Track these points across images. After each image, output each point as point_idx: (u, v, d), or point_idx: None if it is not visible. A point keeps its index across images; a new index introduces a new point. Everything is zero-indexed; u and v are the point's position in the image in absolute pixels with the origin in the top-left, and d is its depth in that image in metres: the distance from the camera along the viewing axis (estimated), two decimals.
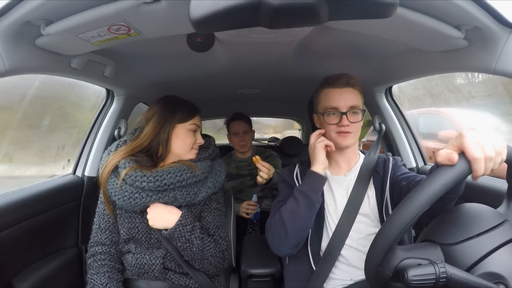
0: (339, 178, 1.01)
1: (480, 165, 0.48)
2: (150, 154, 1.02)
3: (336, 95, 0.95)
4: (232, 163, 1.96)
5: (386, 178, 0.96)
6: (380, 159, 1.01)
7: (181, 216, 0.95)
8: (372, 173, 0.99)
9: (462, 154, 0.50)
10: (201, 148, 1.09)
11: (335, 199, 0.99)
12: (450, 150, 0.50)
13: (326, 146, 0.96)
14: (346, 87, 0.96)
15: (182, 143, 1.02)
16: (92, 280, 0.95)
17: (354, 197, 0.96)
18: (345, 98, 0.94)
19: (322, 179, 0.94)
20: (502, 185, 0.98)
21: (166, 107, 1.02)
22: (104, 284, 0.94)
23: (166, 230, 0.94)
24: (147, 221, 0.95)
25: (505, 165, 0.56)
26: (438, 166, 0.51)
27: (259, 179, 1.23)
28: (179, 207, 0.99)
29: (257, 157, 1.24)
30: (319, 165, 0.94)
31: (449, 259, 0.52)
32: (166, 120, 1.00)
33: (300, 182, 1.01)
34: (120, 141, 1.06)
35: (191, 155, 1.05)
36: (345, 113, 0.94)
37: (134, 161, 0.97)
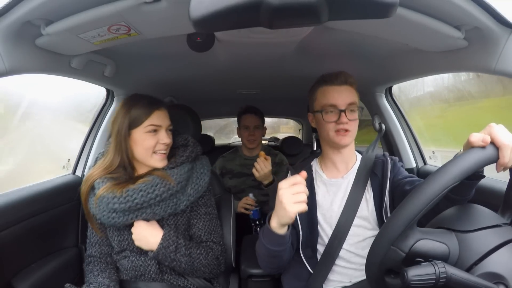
0: (337, 181, 0.98)
1: (508, 152, 0.52)
2: (125, 167, 0.96)
3: (334, 92, 0.94)
4: (237, 159, 1.90)
5: (386, 181, 0.93)
6: (378, 160, 0.98)
7: (162, 239, 0.91)
8: (370, 175, 0.96)
9: (490, 142, 0.53)
10: (178, 148, 1.02)
11: (331, 203, 0.96)
12: (483, 134, 0.54)
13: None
14: (344, 85, 0.95)
15: (141, 147, 0.94)
16: (91, 282, 0.95)
17: (352, 200, 0.93)
18: (344, 95, 0.94)
19: (280, 239, 0.80)
20: (502, 185, 0.98)
21: (120, 113, 0.94)
22: (105, 285, 0.94)
23: (152, 251, 0.92)
24: None
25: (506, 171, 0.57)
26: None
27: (255, 172, 1.30)
28: (163, 219, 0.96)
29: (263, 153, 1.29)
30: (281, 222, 0.76)
31: (464, 246, 0.53)
32: (122, 130, 0.93)
33: None
34: (100, 153, 1.04)
35: (157, 162, 0.95)
36: (344, 111, 0.92)
37: (109, 179, 0.93)
